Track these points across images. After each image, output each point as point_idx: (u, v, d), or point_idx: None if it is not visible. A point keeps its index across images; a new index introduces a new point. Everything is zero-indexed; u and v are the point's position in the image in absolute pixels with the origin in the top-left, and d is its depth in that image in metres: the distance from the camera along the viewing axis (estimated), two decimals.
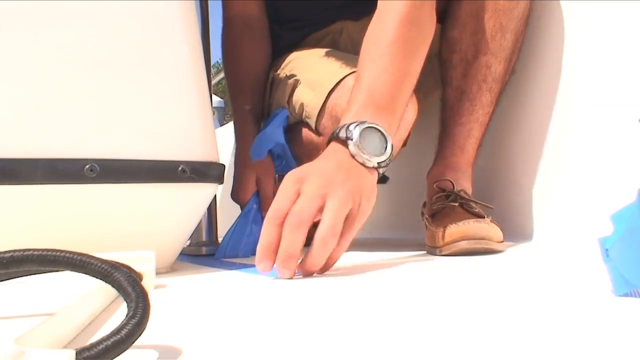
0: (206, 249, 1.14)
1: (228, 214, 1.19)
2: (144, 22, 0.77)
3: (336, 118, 0.98)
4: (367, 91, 0.82)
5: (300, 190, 0.71)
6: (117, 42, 0.74)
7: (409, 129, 0.96)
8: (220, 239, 1.09)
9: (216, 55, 1.25)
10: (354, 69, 0.98)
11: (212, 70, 1.45)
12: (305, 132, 1.09)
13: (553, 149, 1.08)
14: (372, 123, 0.78)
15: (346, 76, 1.00)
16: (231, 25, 1.23)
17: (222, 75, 4.09)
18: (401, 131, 0.89)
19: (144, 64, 0.76)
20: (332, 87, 1.00)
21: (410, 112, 0.95)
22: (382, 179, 0.84)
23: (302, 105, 1.07)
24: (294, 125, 1.12)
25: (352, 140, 0.76)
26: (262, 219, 1.00)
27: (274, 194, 0.75)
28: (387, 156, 0.78)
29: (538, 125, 1.12)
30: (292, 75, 1.12)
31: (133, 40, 0.75)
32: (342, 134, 0.77)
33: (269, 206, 0.73)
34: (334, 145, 0.78)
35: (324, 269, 0.72)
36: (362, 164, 0.76)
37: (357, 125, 0.77)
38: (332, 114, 1.00)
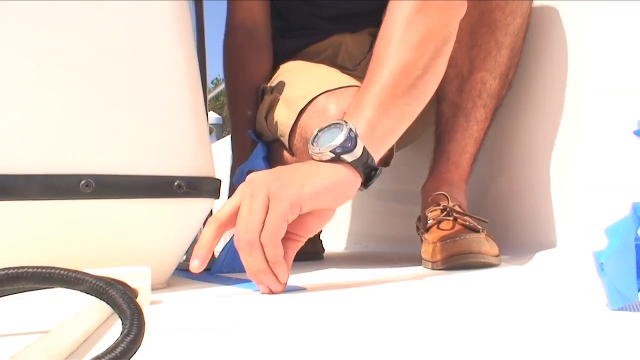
0: None
1: None
2: (139, 37, 0.77)
3: (306, 140, 0.97)
4: (356, 97, 0.82)
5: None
6: (112, 57, 0.74)
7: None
8: (216, 254, 1.09)
9: (213, 70, 1.25)
10: (328, 88, 0.98)
11: (210, 86, 1.45)
12: (280, 150, 1.08)
13: (549, 162, 1.08)
14: (330, 123, 0.77)
15: (318, 96, 0.98)
16: (235, 33, 1.21)
17: (219, 89, 4.09)
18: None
19: (139, 79, 0.76)
20: (303, 106, 0.99)
21: None
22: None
23: (276, 122, 1.06)
24: (273, 143, 1.12)
25: (310, 142, 0.76)
26: None
27: None
28: (339, 143, 0.73)
29: (533, 140, 1.12)
30: (274, 90, 1.11)
31: (128, 55, 0.75)
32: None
33: None
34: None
35: (278, 274, 0.69)
36: (322, 160, 0.75)
37: (317, 130, 0.77)
38: (302, 134, 0.99)
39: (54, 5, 0.71)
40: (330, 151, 0.74)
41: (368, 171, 0.76)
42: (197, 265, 0.68)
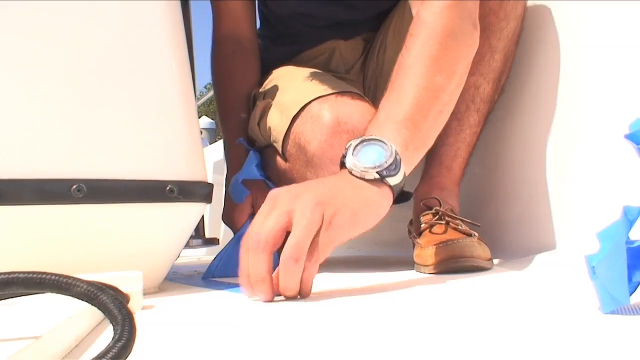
0: (194, 241, 1.14)
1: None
2: (131, 41, 0.77)
3: (299, 145, 0.97)
4: (387, 109, 0.80)
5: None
6: (104, 61, 0.74)
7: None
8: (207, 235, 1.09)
9: (206, 75, 1.25)
10: (321, 93, 0.98)
11: (204, 90, 1.46)
12: (273, 156, 1.08)
13: (541, 166, 1.09)
14: (372, 136, 0.75)
15: (311, 101, 0.97)
16: (222, 44, 1.21)
17: (212, 94, 4.08)
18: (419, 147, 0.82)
19: (130, 84, 0.76)
20: (296, 112, 0.99)
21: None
22: (403, 197, 0.78)
23: (269, 128, 1.06)
24: (266, 149, 1.11)
25: (346, 155, 0.73)
26: None
27: None
28: (387, 165, 0.71)
29: (525, 143, 1.12)
30: (266, 96, 1.11)
31: (119, 59, 0.75)
32: (343, 153, 0.74)
33: None
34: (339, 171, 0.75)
35: (303, 293, 0.67)
36: (362, 178, 0.72)
37: (356, 141, 0.74)
38: (295, 140, 0.99)
39: (44, 11, 0.71)
40: (377, 172, 0.72)
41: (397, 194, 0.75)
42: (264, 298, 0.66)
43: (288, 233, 0.65)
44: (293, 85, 1.08)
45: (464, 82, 0.88)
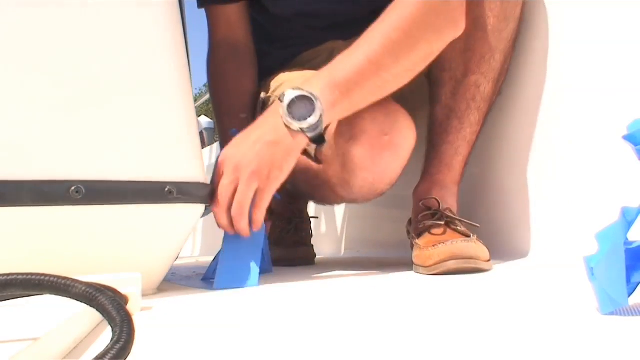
0: None
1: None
2: (129, 42, 0.77)
3: (332, 146, 0.98)
4: (332, 67, 0.92)
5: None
6: (103, 62, 0.74)
7: (407, 156, 0.99)
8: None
9: (201, 77, 1.26)
10: None
11: (203, 90, 1.47)
12: (302, 158, 1.07)
13: (538, 167, 1.09)
14: (310, 92, 0.88)
15: None
16: (217, 49, 1.23)
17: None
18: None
19: (129, 85, 0.76)
20: None
21: (409, 138, 0.98)
22: (318, 140, 0.92)
23: None
24: None
25: (282, 102, 0.88)
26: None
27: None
28: (312, 123, 0.87)
29: (523, 145, 1.12)
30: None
31: (119, 60, 0.75)
32: (284, 91, 0.89)
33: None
34: (275, 104, 0.91)
35: (254, 228, 0.90)
36: (287, 126, 0.88)
37: (293, 90, 0.88)
38: (330, 142, 1.00)
39: (43, 11, 0.71)
40: (300, 128, 0.88)
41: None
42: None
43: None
44: None
45: (419, 71, 0.97)
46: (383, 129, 0.96)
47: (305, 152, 1.06)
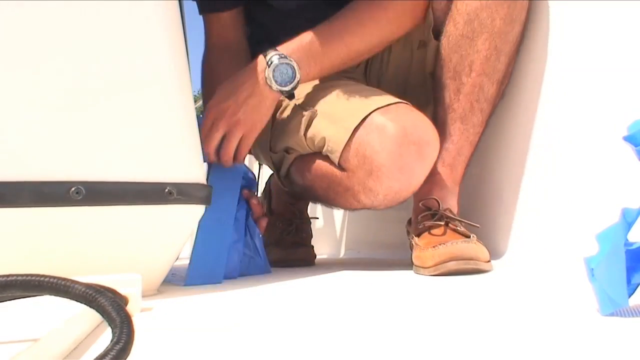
0: None
1: None
2: (129, 42, 0.77)
3: (363, 155, 0.99)
4: (309, 42, 1.07)
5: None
6: (103, 63, 0.74)
7: (432, 164, 1.02)
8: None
9: (197, 79, 1.27)
10: (379, 105, 1.01)
11: (202, 91, 1.47)
12: (323, 164, 1.09)
13: (539, 167, 1.09)
14: (292, 61, 1.03)
15: (372, 112, 1.01)
16: (211, 52, 1.25)
17: None
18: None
19: (129, 86, 0.76)
20: (357, 123, 1.01)
21: (434, 147, 1.01)
22: (289, 97, 1.09)
23: (323, 138, 1.06)
24: (307, 156, 1.12)
25: (269, 65, 1.02)
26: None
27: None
28: (291, 88, 1.04)
29: (523, 145, 1.12)
30: (306, 106, 1.12)
31: (119, 61, 0.75)
32: (269, 55, 1.04)
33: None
34: (261, 58, 1.05)
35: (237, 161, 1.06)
36: (269, 86, 1.03)
37: (281, 57, 1.02)
38: (359, 150, 1.00)
39: (43, 12, 0.71)
40: (279, 90, 1.03)
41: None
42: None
43: None
44: (334, 96, 1.10)
45: (380, 48, 1.15)
46: (411, 138, 0.98)
47: (328, 160, 1.06)
